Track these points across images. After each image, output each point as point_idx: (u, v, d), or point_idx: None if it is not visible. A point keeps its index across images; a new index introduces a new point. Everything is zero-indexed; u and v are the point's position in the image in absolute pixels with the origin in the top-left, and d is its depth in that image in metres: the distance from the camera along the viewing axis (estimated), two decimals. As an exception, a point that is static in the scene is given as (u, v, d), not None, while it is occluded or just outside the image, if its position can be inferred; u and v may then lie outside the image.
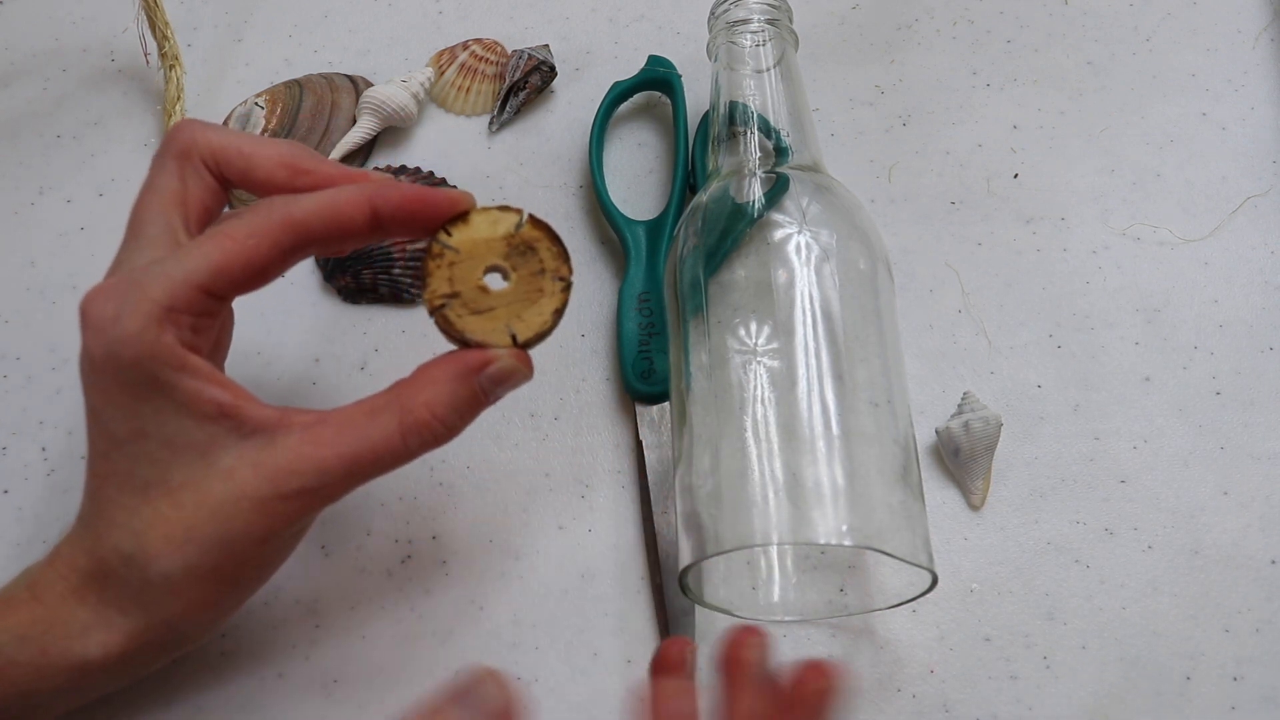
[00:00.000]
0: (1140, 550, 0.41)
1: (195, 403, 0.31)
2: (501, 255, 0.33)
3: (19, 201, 0.48)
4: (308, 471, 0.32)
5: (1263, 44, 0.51)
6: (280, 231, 0.32)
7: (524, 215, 0.33)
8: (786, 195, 0.39)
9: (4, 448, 0.44)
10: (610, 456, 0.43)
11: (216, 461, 0.32)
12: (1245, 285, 0.46)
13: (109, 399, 0.32)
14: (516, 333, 0.33)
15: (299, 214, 0.32)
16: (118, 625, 0.33)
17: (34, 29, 0.53)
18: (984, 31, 0.52)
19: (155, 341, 0.30)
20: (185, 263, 0.31)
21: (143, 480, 0.32)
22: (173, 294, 0.31)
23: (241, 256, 0.32)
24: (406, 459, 0.33)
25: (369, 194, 0.33)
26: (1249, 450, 0.43)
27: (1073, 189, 0.48)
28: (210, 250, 0.31)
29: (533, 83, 0.49)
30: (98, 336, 0.31)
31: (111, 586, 0.32)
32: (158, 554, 0.32)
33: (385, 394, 0.33)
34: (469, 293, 0.33)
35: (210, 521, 0.32)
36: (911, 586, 0.37)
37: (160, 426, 0.31)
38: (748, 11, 0.43)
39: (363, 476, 0.33)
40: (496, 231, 0.33)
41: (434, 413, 0.32)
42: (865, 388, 0.36)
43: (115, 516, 0.32)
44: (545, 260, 0.33)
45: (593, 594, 0.41)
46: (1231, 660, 0.40)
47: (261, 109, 0.49)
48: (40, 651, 0.32)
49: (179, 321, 0.31)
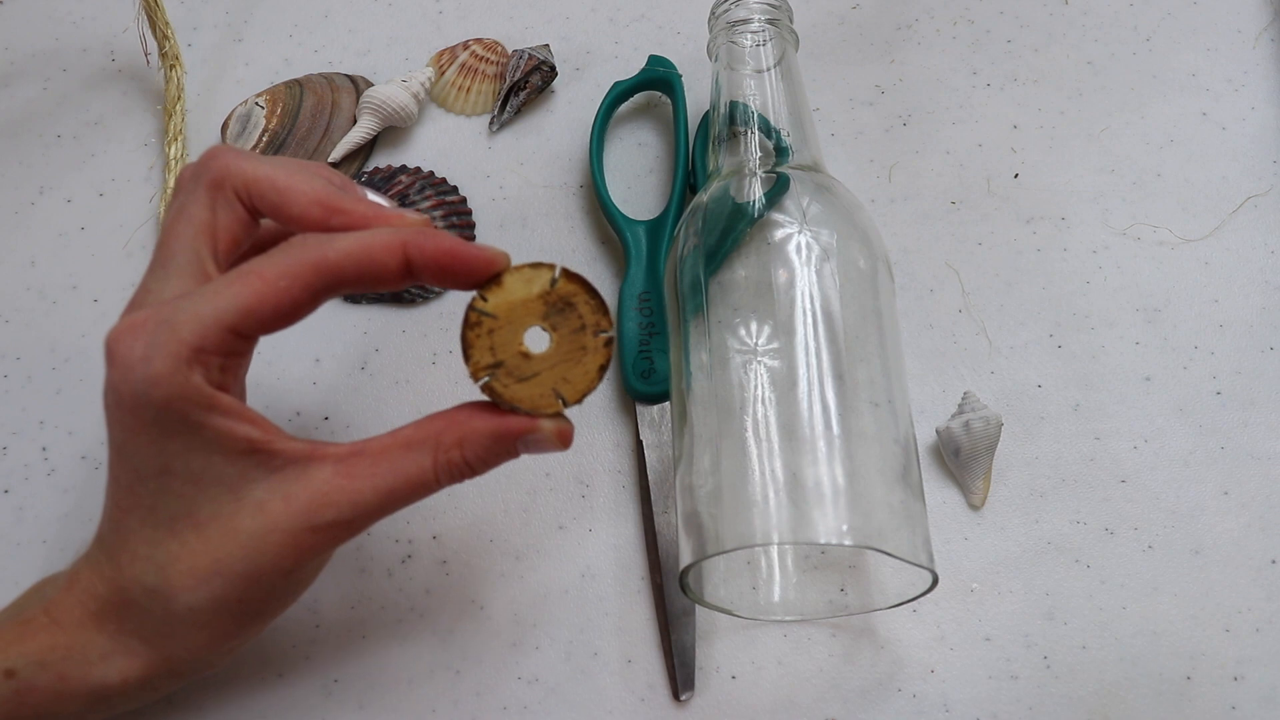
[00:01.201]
0: (1140, 550, 0.41)
1: (225, 440, 0.31)
2: (540, 315, 0.33)
3: (19, 201, 0.48)
4: (342, 504, 0.32)
5: (1263, 44, 0.51)
6: (312, 274, 0.31)
7: (557, 270, 0.33)
8: (787, 195, 0.39)
9: (4, 448, 0.44)
10: (610, 456, 0.43)
11: (246, 496, 0.31)
12: (1245, 285, 0.46)
13: (134, 435, 0.31)
14: (564, 396, 0.33)
15: (333, 256, 0.31)
16: (138, 653, 0.33)
17: (34, 29, 0.53)
18: (984, 31, 0.52)
19: (185, 383, 0.30)
20: (216, 302, 0.31)
21: (168, 514, 0.31)
22: (203, 335, 0.30)
23: (272, 299, 0.31)
24: (435, 490, 0.33)
25: (404, 240, 0.32)
26: (1249, 450, 0.43)
27: (1073, 189, 0.48)
28: (241, 290, 0.31)
29: (533, 83, 0.49)
30: (126, 375, 0.30)
31: (132, 617, 0.32)
32: (182, 587, 0.31)
33: (420, 427, 0.33)
34: (512, 360, 0.33)
35: (239, 555, 0.31)
36: (912, 586, 0.37)
37: (187, 464, 0.31)
38: (748, 11, 0.43)
39: (394, 507, 0.33)
40: (532, 291, 0.33)
41: (467, 459, 0.32)
42: (865, 387, 0.36)
43: (138, 549, 0.32)
44: (584, 315, 0.33)
45: (593, 594, 0.41)
46: (1232, 660, 0.40)
47: (261, 109, 0.49)
48: (59, 677, 0.32)
49: (208, 362, 0.30)
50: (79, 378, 0.45)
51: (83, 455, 0.43)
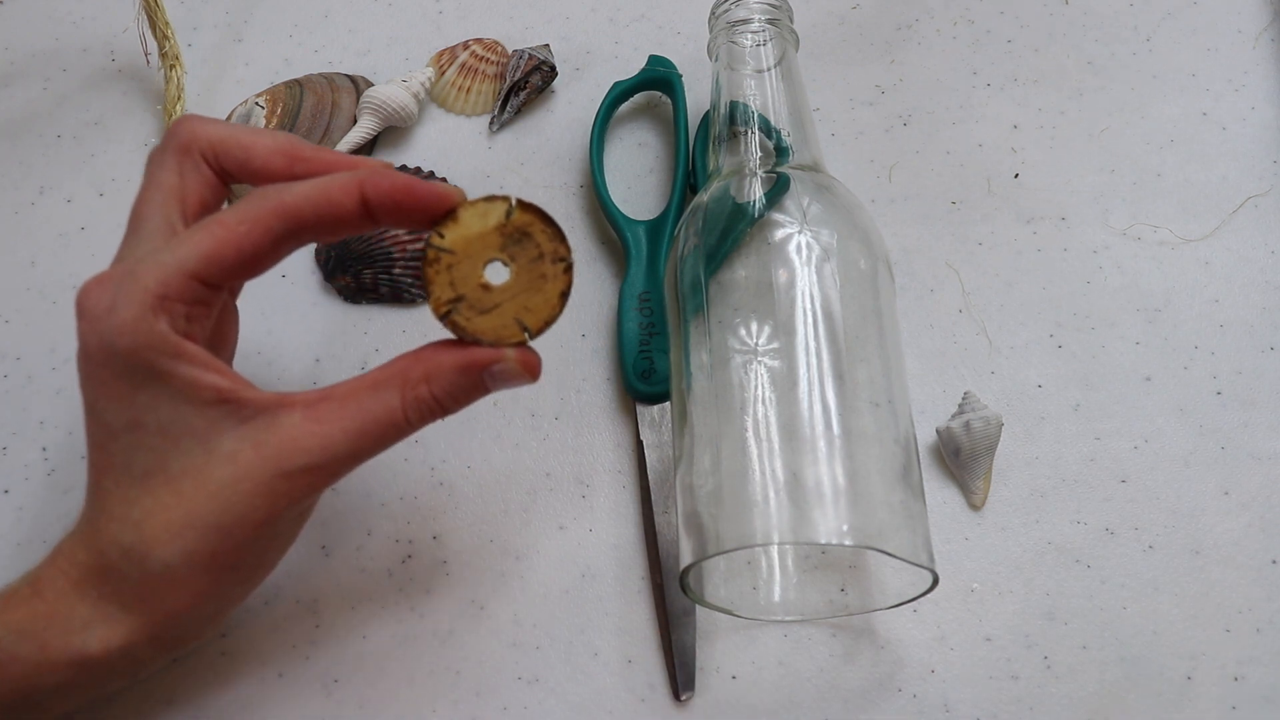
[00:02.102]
0: (1141, 550, 0.41)
1: (193, 389, 0.31)
2: (497, 247, 0.33)
3: (19, 201, 0.48)
4: (313, 448, 0.32)
5: (1263, 44, 0.51)
6: (272, 218, 0.32)
7: (512, 201, 0.33)
8: (787, 195, 0.39)
9: (4, 448, 0.44)
10: (611, 456, 0.43)
11: (217, 447, 0.32)
12: (1246, 285, 0.46)
13: (104, 390, 0.32)
14: (527, 325, 0.33)
15: (290, 201, 0.32)
16: (119, 620, 0.33)
17: (34, 29, 0.53)
18: (984, 31, 0.52)
19: (150, 330, 0.31)
20: (177, 251, 0.31)
21: (141, 470, 0.32)
22: (165, 282, 0.31)
23: (233, 243, 0.32)
24: (408, 433, 0.33)
25: (360, 181, 0.32)
26: (1249, 450, 0.43)
27: (1073, 189, 0.48)
28: (202, 239, 0.31)
29: (533, 83, 0.49)
30: (93, 326, 0.31)
31: (111, 581, 0.32)
32: (156, 543, 0.32)
33: (387, 368, 0.33)
34: (473, 293, 0.33)
35: (211, 506, 0.31)
36: (912, 586, 0.37)
37: (157, 415, 0.31)
38: (748, 11, 0.43)
39: (366, 451, 0.33)
40: (488, 224, 0.33)
41: (435, 394, 0.33)
42: (866, 387, 0.36)
43: (114, 509, 0.32)
44: (542, 244, 0.33)
45: (593, 594, 0.41)
46: (1232, 660, 0.40)
47: (262, 109, 0.49)
48: (40, 647, 0.32)
49: (173, 310, 0.31)
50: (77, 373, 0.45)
51: (83, 455, 0.43)
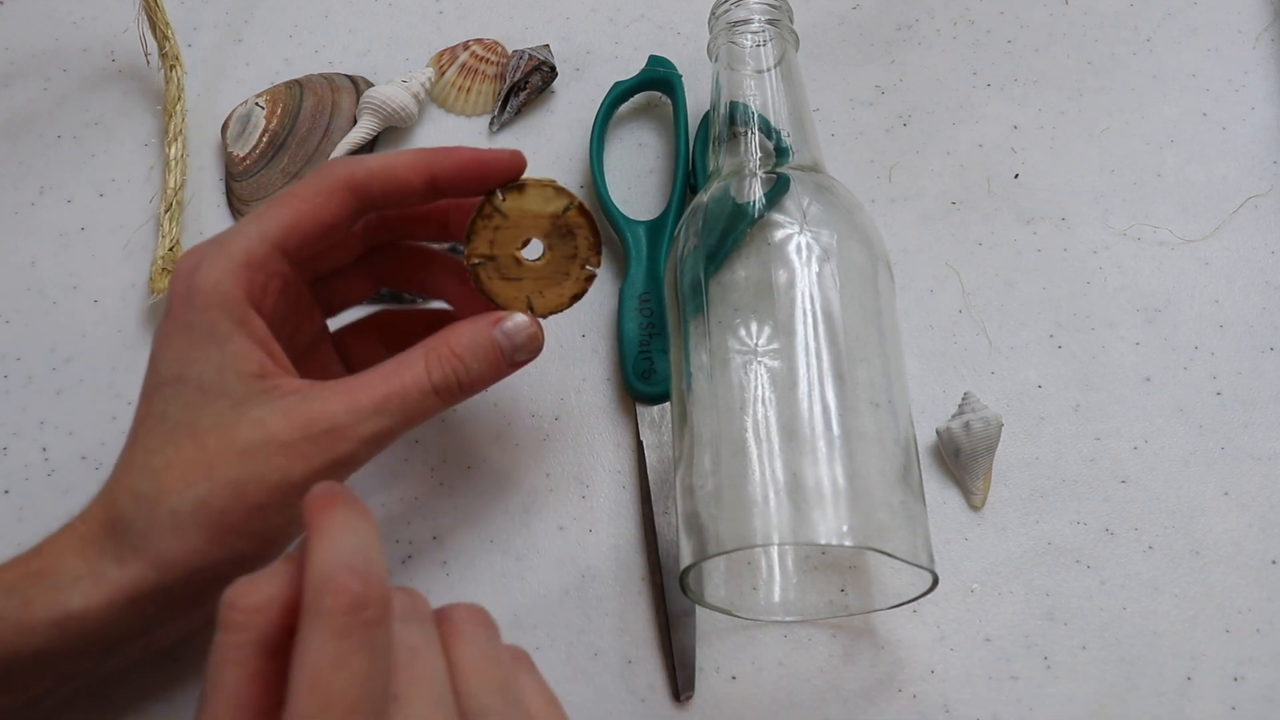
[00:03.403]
0: (1141, 550, 0.41)
1: (241, 358, 0.33)
2: (543, 232, 0.36)
3: (19, 201, 0.48)
4: (337, 410, 0.33)
5: (1263, 44, 0.51)
6: (345, 191, 0.35)
7: (574, 201, 0.36)
8: (787, 195, 0.39)
9: (4, 448, 0.44)
10: (610, 456, 0.43)
11: (248, 412, 0.33)
12: (1246, 285, 0.46)
13: (166, 340, 0.34)
14: (534, 305, 0.37)
15: (361, 175, 0.35)
16: (106, 577, 0.32)
17: (34, 29, 0.53)
18: (984, 31, 0.52)
19: (225, 292, 0.33)
20: (261, 223, 0.34)
21: (172, 421, 0.33)
22: (249, 250, 0.34)
23: (310, 214, 0.35)
24: (435, 403, 0.35)
25: (428, 160, 0.36)
26: (1249, 450, 0.43)
27: (1073, 189, 0.48)
28: (281, 211, 0.35)
29: (533, 83, 0.49)
30: (178, 282, 0.34)
31: (115, 533, 0.33)
32: (170, 490, 0.32)
33: (414, 347, 0.35)
34: (505, 259, 0.36)
35: (231, 461, 0.33)
36: (912, 587, 0.37)
37: (200, 372, 0.33)
38: (748, 11, 0.43)
39: (391, 416, 0.34)
40: (546, 209, 0.36)
41: (455, 350, 0.35)
42: (866, 388, 0.36)
43: (136, 457, 0.33)
44: (580, 246, 0.37)
45: (593, 594, 0.41)
46: (1232, 660, 0.40)
47: (262, 109, 0.49)
48: (24, 603, 0.32)
49: (252, 279, 0.34)
50: (79, 378, 0.45)
51: (83, 455, 0.43)
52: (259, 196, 0.48)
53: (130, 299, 0.46)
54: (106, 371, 0.45)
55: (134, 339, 0.46)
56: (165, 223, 0.47)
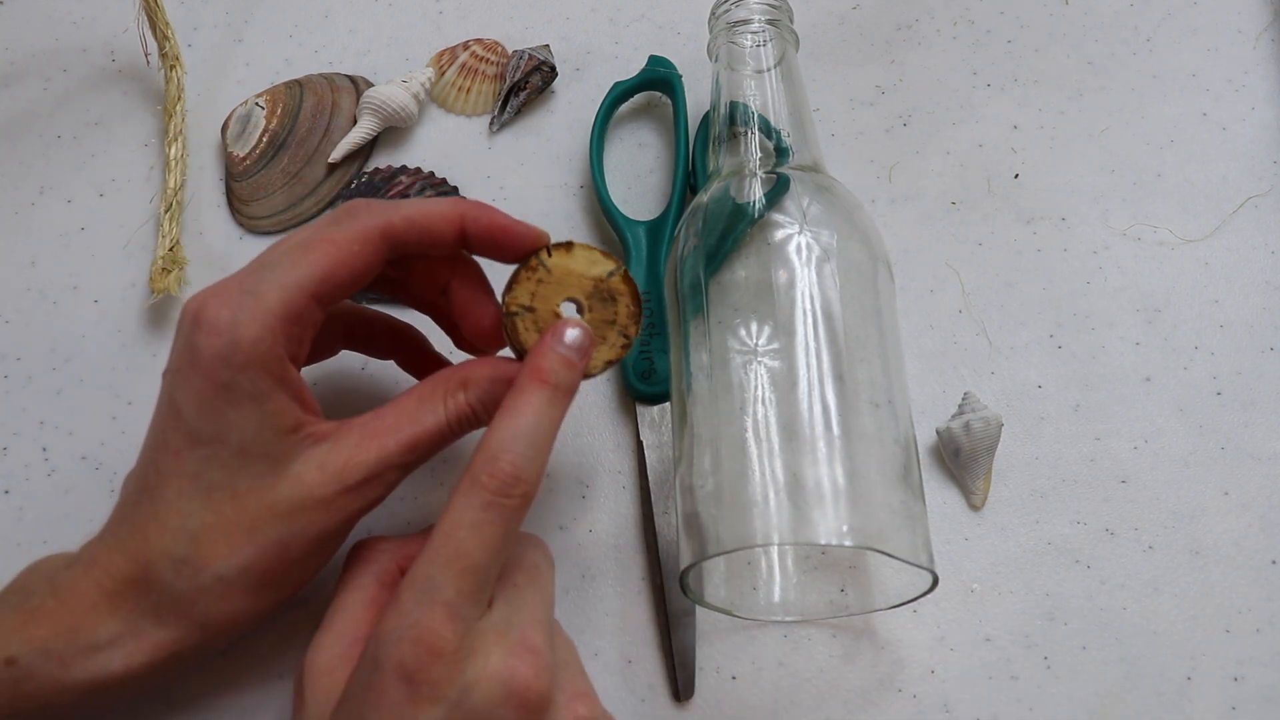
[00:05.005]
0: (1141, 550, 0.41)
1: (280, 415, 0.33)
2: (585, 293, 0.36)
3: (19, 201, 0.48)
4: (370, 461, 0.33)
5: (1263, 44, 0.51)
6: (379, 237, 0.34)
7: (620, 268, 0.36)
8: (787, 195, 0.39)
9: (4, 448, 0.44)
10: (610, 456, 0.43)
11: (285, 469, 0.33)
12: (1246, 285, 0.46)
13: (201, 399, 0.32)
14: None
15: (398, 222, 0.34)
16: (148, 636, 0.33)
17: (34, 29, 0.53)
18: (984, 31, 0.52)
19: (266, 351, 0.32)
20: (296, 272, 0.33)
21: (206, 484, 0.33)
22: (287, 303, 0.32)
23: (347, 263, 0.34)
24: (453, 439, 0.35)
25: (461, 210, 0.35)
26: (1249, 450, 0.43)
27: (1073, 189, 0.48)
28: (318, 258, 0.33)
29: (533, 83, 0.49)
30: (212, 339, 0.32)
31: (152, 592, 0.33)
32: (214, 555, 0.32)
33: (431, 380, 0.35)
34: (543, 312, 0.35)
35: (275, 522, 0.33)
36: (912, 587, 0.37)
37: (241, 433, 0.32)
38: (748, 11, 0.43)
39: (418, 459, 0.35)
40: (591, 271, 0.36)
41: (470, 403, 0.35)
42: (866, 388, 0.36)
43: (169, 519, 0.33)
44: (620, 313, 0.36)
45: (593, 594, 0.41)
46: (1232, 660, 0.40)
47: (262, 109, 0.49)
48: (60, 664, 0.32)
49: (289, 333, 0.33)
50: (79, 378, 0.45)
51: (83, 455, 0.43)
52: (259, 196, 0.48)
53: (130, 299, 0.46)
54: (106, 371, 0.45)
55: (134, 339, 0.46)
56: (165, 223, 0.47)
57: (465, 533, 0.30)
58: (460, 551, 0.30)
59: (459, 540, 0.30)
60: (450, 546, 0.30)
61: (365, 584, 0.34)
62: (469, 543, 0.30)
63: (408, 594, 0.30)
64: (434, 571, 0.30)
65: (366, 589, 0.34)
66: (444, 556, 0.30)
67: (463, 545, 0.30)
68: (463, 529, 0.30)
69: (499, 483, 0.31)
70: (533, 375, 0.33)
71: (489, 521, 0.31)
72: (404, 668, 0.29)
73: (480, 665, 0.30)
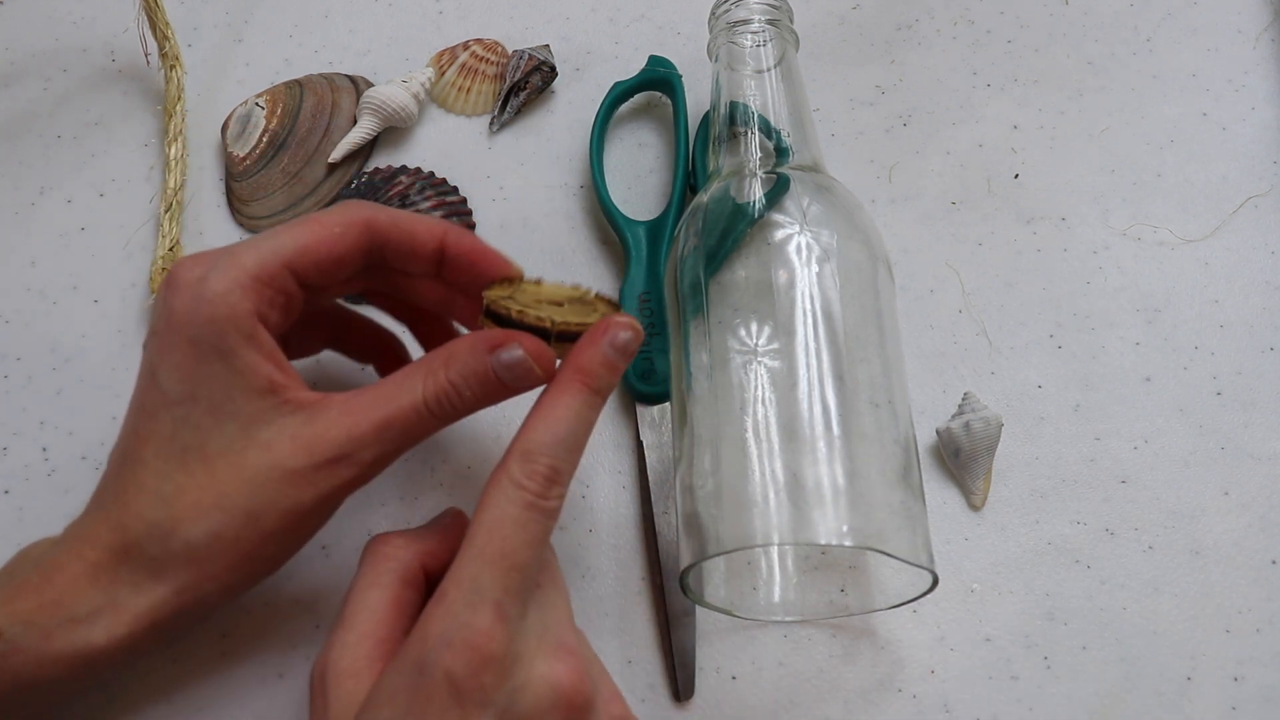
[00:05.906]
0: (1141, 550, 0.41)
1: (250, 374, 0.33)
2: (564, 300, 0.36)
3: (19, 201, 0.48)
4: (340, 438, 0.33)
5: (1263, 44, 0.51)
6: (363, 227, 0.35)
7: (593, 291, 0.37)
8: (787, 195, 0.39)
9: (4, 448, 0.44)
10: (610, 456, 0.43)
11: (257, 434, 0.33)
12: (1246, 285, 0.46)
13: (171, 356, 0.33)
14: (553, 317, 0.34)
15: (383, 219, 0.35)
16: (126, 607, 0.33)
17: (34, 29, 0.53)
18: (984, 31, 0.52)
19: (234, 305, 0.32)
20: (275, 240, 0.34)
21: (181, 444, 0.33)
22: (261, 264, 0.33)
23: (327, 241, 0.34)
24: (431, 424, 0.34)
25: (446, 228, 0.36)
26: (1250, 450, 0.43)
27: (1073, 189, 0.48)
28: (299, 232, 0.34)
29: (533, 83, 0.49)
30: (181, 294, 0.33)
31: (130, 559, 0.33)
32: (184, 520, 0.32)
33: (418, 361, 0.35)
34: (524, 298, 0.35)
35: (242, 490, 0.32)
36: (912, 587, 0.37)
37: (210, 391, 0.33)
38: (748, 12, 0.43)
39: (392, 441, 0.34)
40: (563, 291, 0.37)
41: (450, 379, 0.34)
42: (866, 388, 0.36)
43: (146, 481, 0.33)
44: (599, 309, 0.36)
45: (593, 594, 0.41)
46: (1232, 660, 0.40)
47: (261, 109, 0.49)
48: (44, 637, 0.32)
49: (261, 293, 0.33)
50: (79, 378, 0.45)
51: (83, 455, 0.43)
52: (259, 196, 0.48)
53: (130, 299, 0.46)
54: (106, 371, 0.45)
55: (134, 339, 0.46)
56: (165, 223, 0.47)
57: (510, 530, 0.30)
58: (506, 550, 0.30)
59: (504, 538, 0.30)
60: (495, 545, 0.30)
61: (387, 582, 0.33)
62: (514, 540, 0.30)
63: (454, 593, 0.30)
64: (480, 570, 0.30)
65: (389, 588, 0.33)
66: (489, 554, 0.30)
67: (508, 543, 0.30)
68: (506, 526, 0.30)
69: (538, 484, 0.31)
70: (575, 374, 0.33)
71: (533, 520, 0.31)
72: (454, 673, 0.29)
73: (526, 669, 0.30)
